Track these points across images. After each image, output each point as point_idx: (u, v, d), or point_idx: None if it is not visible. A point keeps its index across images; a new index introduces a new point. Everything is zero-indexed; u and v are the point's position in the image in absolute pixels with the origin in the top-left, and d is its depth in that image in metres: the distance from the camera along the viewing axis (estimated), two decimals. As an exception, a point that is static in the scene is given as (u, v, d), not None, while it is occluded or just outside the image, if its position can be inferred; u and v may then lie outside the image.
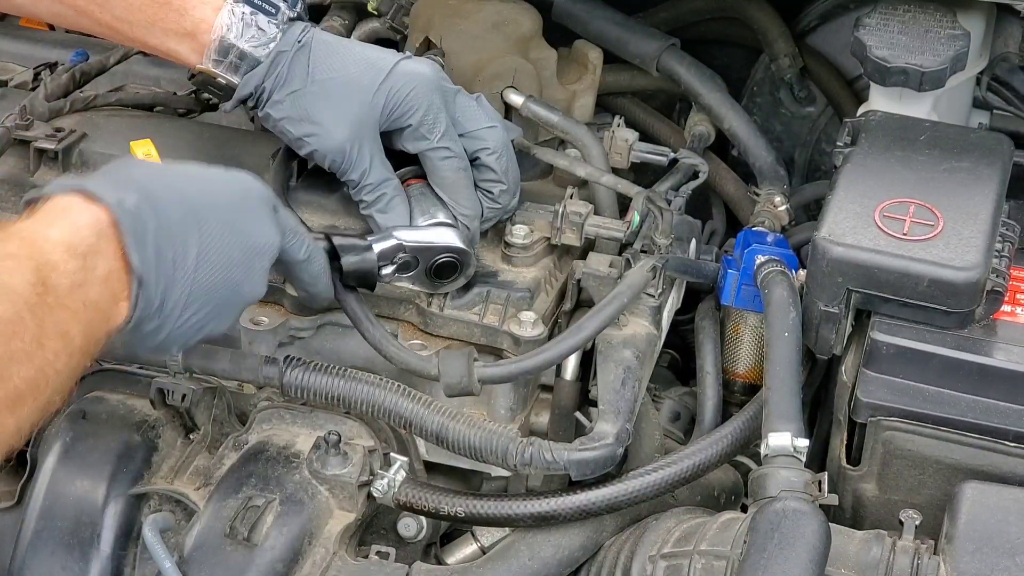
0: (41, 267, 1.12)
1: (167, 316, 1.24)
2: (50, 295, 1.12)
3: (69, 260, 1.14)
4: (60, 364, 1.13)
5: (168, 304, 1.23)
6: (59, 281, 1.13)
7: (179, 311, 1.24)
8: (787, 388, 1.40)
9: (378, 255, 1.46)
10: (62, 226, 1.16)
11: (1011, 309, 1.48)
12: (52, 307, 1.12)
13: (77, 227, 1.16)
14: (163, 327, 1.24)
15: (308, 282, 1.41)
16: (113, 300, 1.19)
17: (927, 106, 1.70)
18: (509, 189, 1.55)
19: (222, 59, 1.49)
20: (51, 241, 1.14)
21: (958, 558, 1.30)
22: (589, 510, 1.43)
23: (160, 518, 1.43)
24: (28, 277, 1.10)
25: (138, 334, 1.24)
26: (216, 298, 1.27)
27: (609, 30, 1.89)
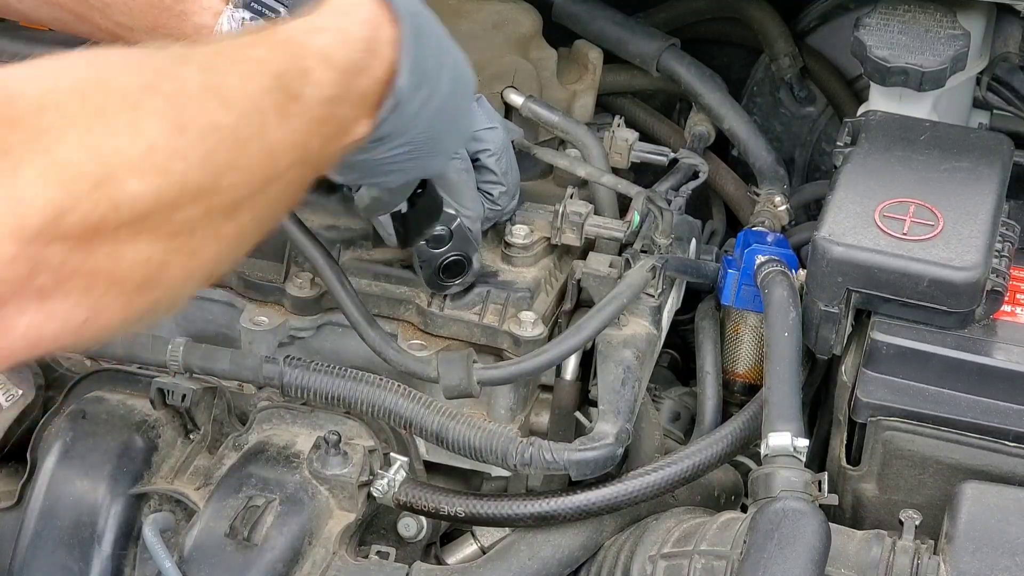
0: (287, 73, 1.06)
1: (402, 134, 1.20)
2: (295, 103, 1.06)
3: (325, 71, 1.08)
4: (292, 174, 1.07)
5: (403, 132, 1.20)
6: (309, 91, 1.07)
7: (407, 138, 1.21)
8: (787, 388, 1.40)
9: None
10: (332, 33, 1.12)
11: (1011, 309, 1.48)
12: (293, 115, 1.06)
13: (349, 39, 1.12)
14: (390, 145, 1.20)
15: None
16: (357, 117, 1.15)
17: (927, 106, 1.70)
18: (508, 191, 1.55)
19: None
20: (311, 48, 1.09)
21: (958, 558, 1.30)
22: (589, 510, 1.43)
23: (160, 518, 1.43)
24: (266, 82, 1.04)
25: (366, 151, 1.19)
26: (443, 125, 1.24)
27: (609, 30, 1.89)
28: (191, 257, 0.99)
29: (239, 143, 1.00)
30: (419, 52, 1.17)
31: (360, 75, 1.13)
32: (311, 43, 1.10)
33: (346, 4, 1.15)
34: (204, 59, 1.03)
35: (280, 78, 1.05)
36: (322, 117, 1.09)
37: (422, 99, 1.19)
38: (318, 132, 1.09)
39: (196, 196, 0.96)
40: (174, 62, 1.01)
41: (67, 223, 0.88)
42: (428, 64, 1.19)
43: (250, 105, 1.02)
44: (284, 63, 1.07)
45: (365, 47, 1.13)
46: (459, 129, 1.32)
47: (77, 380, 1.56)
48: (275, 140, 1.04)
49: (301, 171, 1.09)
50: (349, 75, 1.11)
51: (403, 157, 1.24)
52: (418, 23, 1.18)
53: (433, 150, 1.27)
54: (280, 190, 1.07)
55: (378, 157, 1.22)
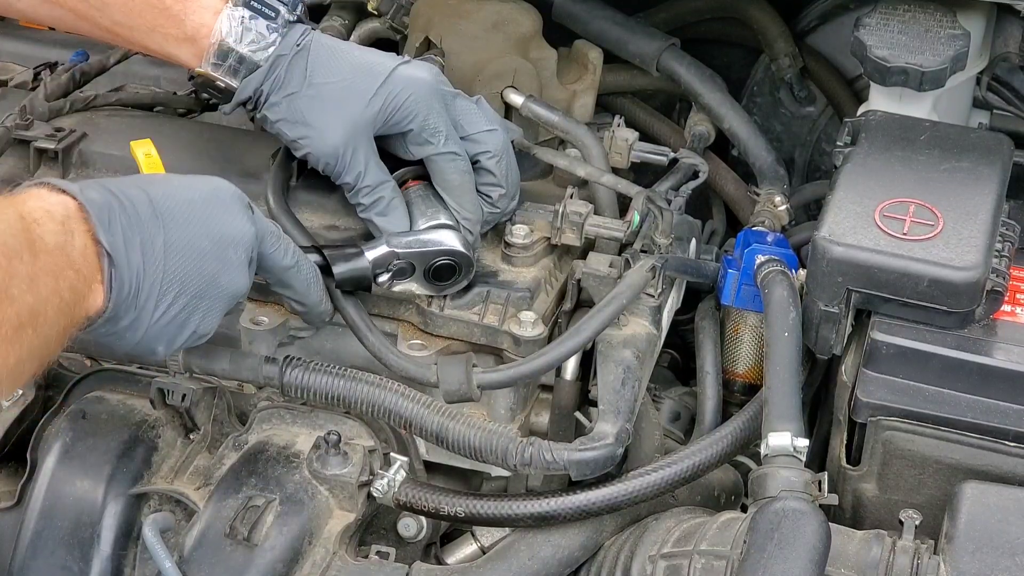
0: (25, 218, 1.15)
1: (143, 307, 1.26)
2: (37, 243, 1.15)
3: (49, 222, 1.18)
4: (52, 309, 1.15)
5: (143, 293, 1.25)
6: (45, 236, 1.16)
7: (154, 301, 1.26)
8: (787, 388, 1.40)
9: (372, 263, 1.46)
10: (36, 199, 1.20)
11: (1011, 309, 1.48)
12: (40, 252, 1.14)
13: (50, 204, 1.20)
14: (141, 320, 1.26)
15: (301, 291, 1.42)
16: (91, 275, 1.21)
17: (927, 106, 1.70)
18: (508, 193, 1.55)
19: (221, 63, 1.49)
20: (29, 207, 1.18)
21: (958, 558, 1.30)
22: (589, 510, 1.43)
23: (160, 518, 1.43)
24: (14, 222, 1.14)
25: (118, 328, 1.25)
26: (192, 289, 1.29)
27: (609, 30, 1.89)
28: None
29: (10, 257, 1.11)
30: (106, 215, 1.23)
31: (73, 232, 1.20)
32: (28, 203, 1.19)
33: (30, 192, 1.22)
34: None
35: (23, 220, 1.15)
36: (61, 262, 1.17)
37: (136, 259, 1.24)
38: (63, 275, 1.17)
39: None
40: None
41: None
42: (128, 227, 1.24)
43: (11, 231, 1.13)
44: (20, 209, 1.16)
45: (63, 213, 1.21)
46: (230, 256, 1.33)
47: (77, 380, 1.56)
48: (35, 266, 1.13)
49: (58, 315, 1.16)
50: (67, 225, 1.19)
51: (183, 313, 1.29)
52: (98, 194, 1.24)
53: (213, 288, 1.31)
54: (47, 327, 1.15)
55: (156, 321, 1.28)
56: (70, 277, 1.18)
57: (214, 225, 1.31)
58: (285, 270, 1.40)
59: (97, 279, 1.22)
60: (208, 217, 1.31)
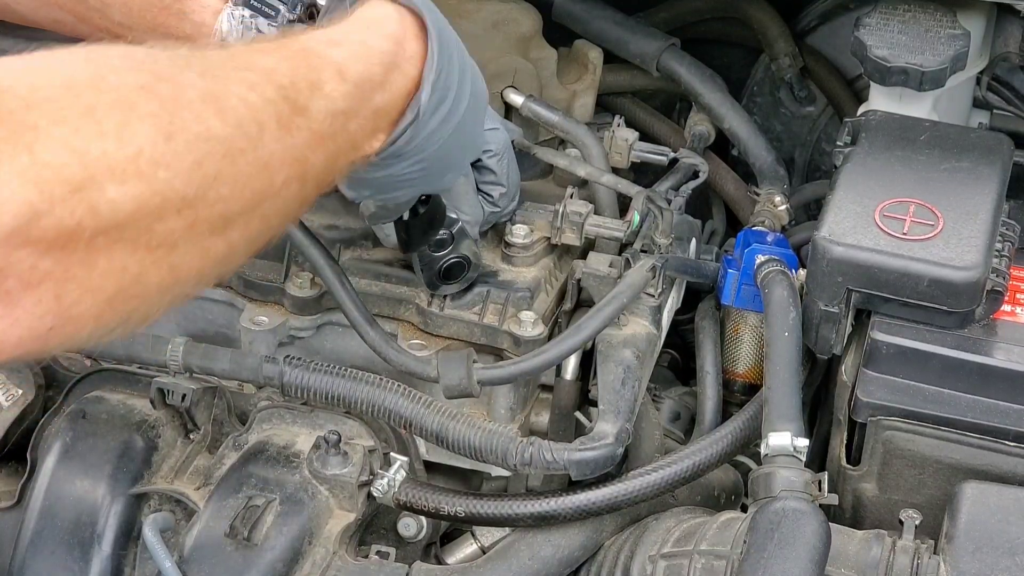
0: (295, 85, 1.03)
1: (407, 157, 1.19)
2: (299, 116, 1.03)
3: (339, 84, 1.07)
4: (289, 191, 1.04)
5: (413, 150, 1.19)
6: (317, 104, 1.05)
7: (417, 157, 1.20)
8: (787, 388, 1.40)
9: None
10: (352, 46, 1.10)
11: (1011, 309, 1.48)
12: (296, 129, 1.03)
13: (369, 53, 1.11)
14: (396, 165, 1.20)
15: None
16: (372, 132, 1.14)
17: (927, 106, 1.70)
18: (508, 192, 1.55)
19: None
20: (326, 60, 1.07)
21: (958, 558, 1.30)
22: (589, 510, 1.43)
23: (160, 518, 1.43)
24: (269, 93, 1.01)
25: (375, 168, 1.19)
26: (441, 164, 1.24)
27: (609, 30, 1.89)
28: (170, 271, 0.95)
29: (231, 155, 0.97)
30: (442, 70, 1.15)
31: (377, 90, 1.11)
32: (327, 55, 1.08)
33: (373, 17, 1.13)
34: (209, 64, 1.00)
35: (286, 89, 1.02)
36: (329, 131, 1.06)
37: (441, 117, 1.18)
38: (323, 147, 1.06)
39: (180, 208, 0.93)
40: (176, 65, 0.98)
41: (41, 227, 0.84)
42: (450, 82, 1.18)
43: (248, 116, 0.99)
44: (294, 74, 1.04)
45: (386, 61, 1.11)
46: (473, 145, 1.31)
47: (77, 380, 1.56)
48: (272, 154, 1.01)
49: (300, 187, 1.05)
50: (365, 89, 1.09)
51: (416, 174, 1.23)
52: (444, 40, 1.16)
53: (446, 167, 1.26)
54: (276, 207, 1.03)
55: (391, 174, 1.21)
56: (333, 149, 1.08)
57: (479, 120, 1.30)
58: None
59: (386, 131, 1.14)
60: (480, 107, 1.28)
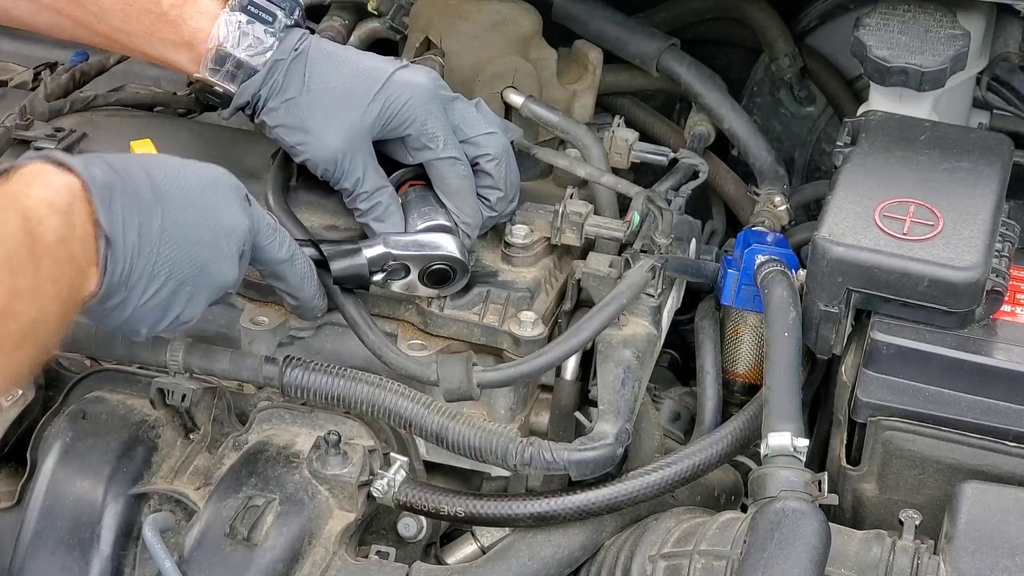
0: (28, 219, 1.16)
1: (133, 288, 1.26)
2: (39, 245, 1.16)
3: (52, 215, 1.18)
4: (54, 309, 1.18)
5: (134, 275, 1.26)
6: (46, 234, 1.17)
7: (144, 284, 1.27)
8: (787, 388, 1.40)
9: (368, 261, 1.46)
10: (41, 187, 1.20)
11: (1011, 309, 1.48)
12: (42, 255, 1.16)
13: (54, 188, 1.20)
14: (129, 301, 1.27)
15: (295, 285, 1.42)
16: (88, 263, 1.22)
17: (927, 106, 1.70)
18: (507, 196, 1.55)
19: (219, 68, 1.49)
20: (33, 198, 1.18)
21: (958, 558, 1.30)
22: (589, 510, 1.43)
23: (160, 518, 1.43)
24: (17, 226, 1.15)
25: (106, 307, 1.26)
26: (181, 275, 1.30)
27: (609, 30, 1.89)
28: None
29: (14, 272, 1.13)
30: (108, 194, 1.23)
31: (75, 216, 1.21)
32: (31, 193, 1.19)
33: (34, 168, 1.23)
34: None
35: (26, 223, 1.16)
36: (63, 256, 1.18)
37: (132, 240, 1.25)
38: (62, 271, 1.19)
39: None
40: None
41: None
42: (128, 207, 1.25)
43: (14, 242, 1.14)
44: (22, 210, 1.16)
45: (67, 193, 1.21)
46: (216, 228, 1.33)
47: (77, 380, 1.56)
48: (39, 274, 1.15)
49: (62, 308, 1.19)
50: (69, 216, 1.20)
51: (169, 297, 1.30)
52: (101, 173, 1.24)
53: (202, 277, 1.32)
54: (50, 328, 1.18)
55: (144, 303, 1.28)
56: (69, 275, 1.20)
57: (210, 213, 1.32)
58: (279, 263, 1.40)
59: (93, 262, 1.23)
60: (205, 205, 1.32)
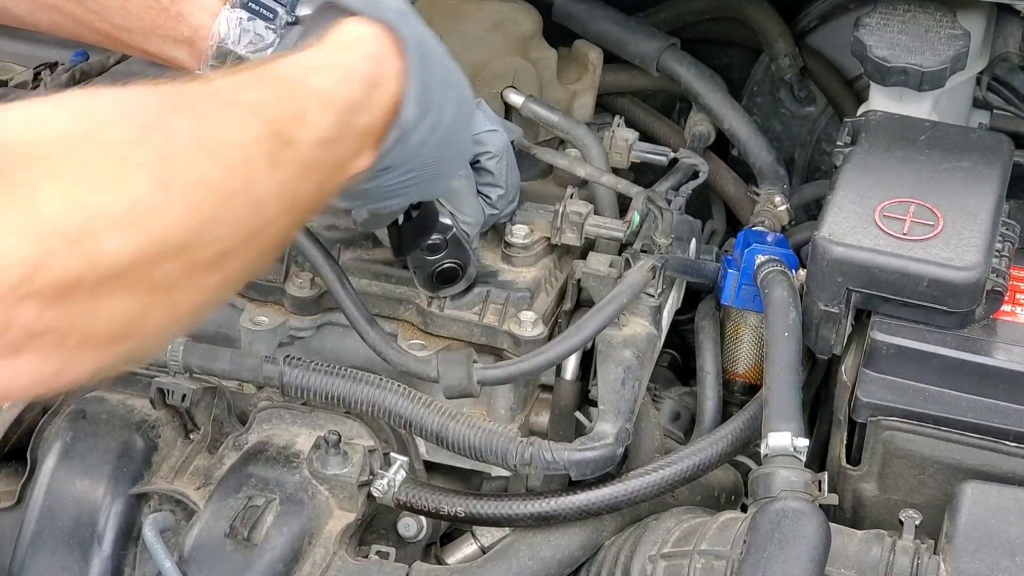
0: (282, 118, 1.05)
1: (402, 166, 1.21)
2: (288, 150, 1.05)
3: (324, 113, 1.09)
4: (280, 222, 1.06)
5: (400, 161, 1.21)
6: (304, 135, 1.06)
7: (404, 169, 1.22)
8: (787, 388, 1.40)
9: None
10: (333, 71, 1.11)
11: (1011, 309, 1.48)
12: (286, 163, 1.04)
13: (351, 76, 1.12)
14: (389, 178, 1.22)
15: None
16: (359, 153, 1.15)
17: (927, 106, 1.70)
18: (507, 194, 1.55)
19: (220, 65, 1.49)
20: (309, 88, 1.09)
21: (958, 558, 1.30)
22: (589, 510, 1.43)
23: (160, 518, 1.43)
24: (258, 131, 1.03)
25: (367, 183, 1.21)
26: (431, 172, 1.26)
27: (609, 30, 1.89)
28: (170, 309, 0.97)
29: (225, 197, 0.99)
30: (425, 82, 1.17)
31: (361, 112, 1.12)
32: (310, 83, 1.09)
33: (350, 37, 1.15)
34: (197, 106, 1.02)
35: (274, 124, 1.04)
36: (317, 161, 1.08)
37: (427, 128, 1.20)
38: (311, 177, 1.08)
39: (178, 253, 0.95)
40: (165, 111, 0.99)
41: (42, 280, 0.85)
42: (433, 93, 1.20)
43: (240, 157, 1.01)
44: (279, 106, 1.06)
45: (367, 82, 1.13)
46: (461, 152, 1.33)
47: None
48: (264, 191, 1.03)
49: (291, 218, 1.08)
50: (349, 114, 1.11)
51: (406, 183, 1.24)
52: (424, 51, 1.18)
53: (436, 175, 1.27)
54: (268, 238, 1.05)
55: (382, 185, 1.22)
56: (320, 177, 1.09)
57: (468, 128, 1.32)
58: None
59: (373, 146, 1.16)
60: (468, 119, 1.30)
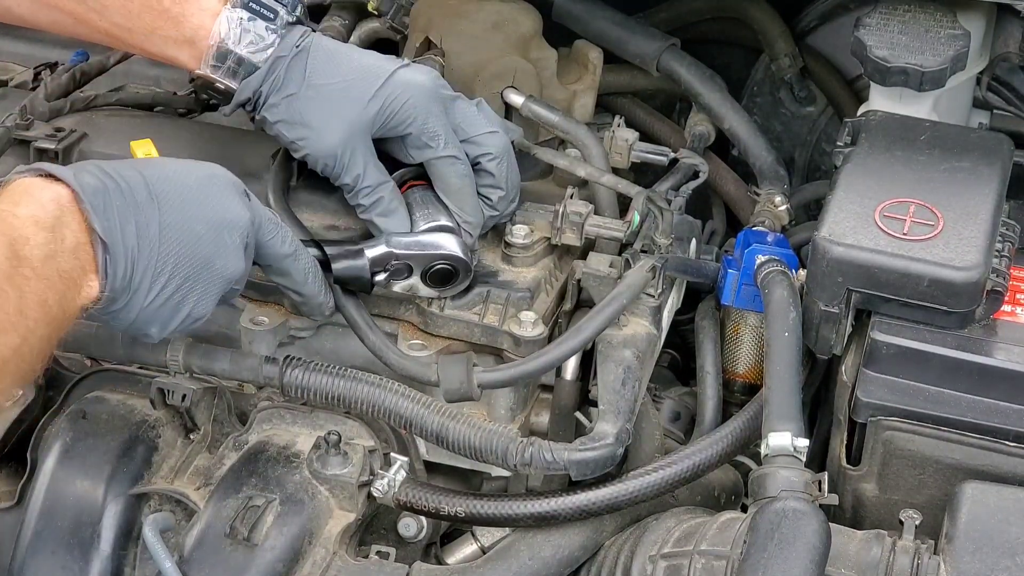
0: (13, 241, 1.18)
1: (137, 289, 1.28)
2: (25, 267, 1.17)
3: (38, 232, 1.20)
4: (41, 331, 1.20)
5: (136, 276, 1.27)
6: (32, 253, 1.18)
7: (148, 284, 1.28)
8: (787, 388, 1.40)
9: (370, 262, 1.46)
10: (27, 203, 1.21)
11: (1011, 309, 1.48)
12: (28, 278, 1.17)
13: (41, 203, 1.22)
14: (134, 303, 1.28)
15: (300, 281, 1.42)
16: (83, 272, 1.23)
17: (927, 106, 1.70)
18: (507, 195, 1.55)
19: (220, 65, 1.49)
20: (19, 217, 1.20)
21: (958, 558, 1.30)
22: (589, 510, 1.43)
23: (160, 518, 1.43)
24: (2, 251, 1.16)
25: (112, 311, 1.28)
26: (185, 271, 1.31)
27: (609, 30, 1.89)
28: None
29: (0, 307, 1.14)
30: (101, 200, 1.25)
31: (64, 229, 1.22)
32: (17, 212, 1.20)
33: (22, 183, 1.24)
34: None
35: (11, 246, 1.17)
36: (50, 274, 1.19)
37: (131, 243, 1.26)
38: (52, 289, 1.19)
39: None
40: None
41: None
42: (124, 210, 1.26)
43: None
44: (7, 231, 1.18)
45: (56, 206, 1.23)
46: (217, 222, 1.33)
47: (77, 380, 1.56)
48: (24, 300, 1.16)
49: (47, 329, 1.20)
50: (57, 231, 1.21)
51: (176, 295, 1.31)
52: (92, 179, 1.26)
53: (207, 272, 1.32)
54: (34, 348, 1.19)
55: (150, 303, 1.29)
56: (60, 291, 1.21)
57: (209, 209, 1.33)
58: (283, 258, 1.40)
59: (92, 269, 1.24)
60: (204, 200, 1.32)
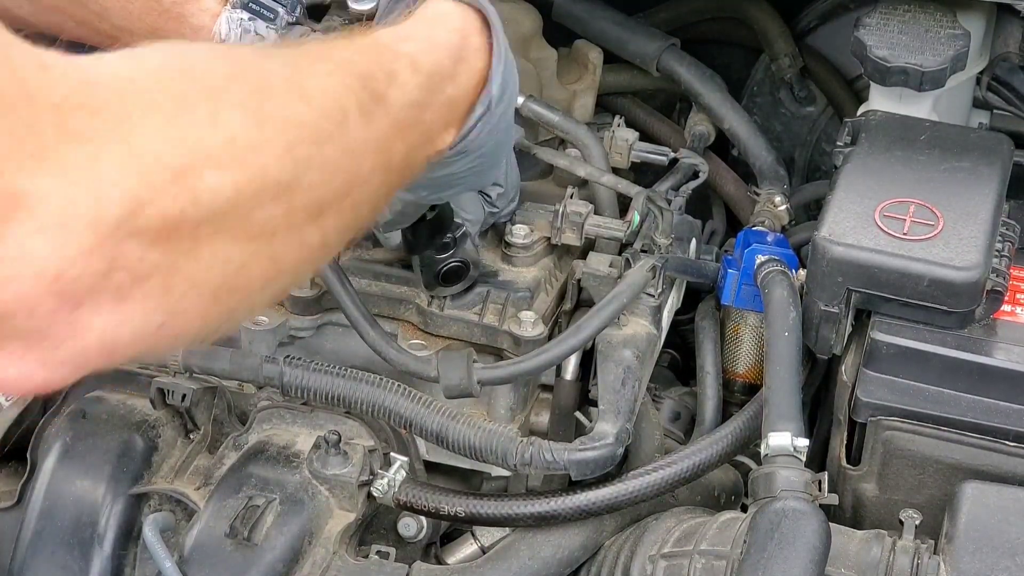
0: (372, 74, 1.04)
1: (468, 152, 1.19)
2: (378, 105, 1.04)
3: (412, 75, 1.08)
4: (376, 179, 1.04)
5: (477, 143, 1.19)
6: (394, 94, 1.06)
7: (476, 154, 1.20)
8: (787, 388, 1.40)
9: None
10: (420, 40, 1.11)
11: (1011, 309, 1.48)
12: (377, 117, 1.03)
13: (437, 46, 1.12)
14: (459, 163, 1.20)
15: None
16: (445, 125, 1.14)
17: (927, 106, 1.70)
18: (507, 193, 1.55)
19: None
20: (398, 52, 1.09)
21: (958, 558, 1.30)
22: (589, 510, 1.43)
23: (160, 518, 1.43)
24: (349, 82, 1.02)
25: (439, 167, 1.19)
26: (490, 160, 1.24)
27: (609, 30, 1.89)
28: (272, 262, 0.95)
29: (320, 140, 0.97)
30: (505, 63, 1.17)
31: (448, 81, 1.12)
32: (398, 48, 1.09)
33: (436, 13, 1.15)
34: (288, 55, 1.02)
35: (364, 79, 1.03)
36: (407, 121, 1.07)
37: (502, 110, 1.19)
38: (402, 137, 1.07)
39: (276, 193, 0.92)
40: (258, 56, 1.00)
41: (146, 216, 0.83)
42: (509, 76, 1.19)
43: (332, 103, 0.99)
44: (369, 65, 1.05)
45: (454, 54, 1.13)
46: (509, 141, 1.31)
47: (77, 380, 1.56)
48: (357, 140, 1.01)
49: (385, 177, 1.06)
50: (437, 80, 1.10)
51: (470, 171, 1.23)
52: (502, 34, 1.17)
53: (493, 163, 1.26)
54: (364, 196, 1.03)
55: (451, 172, 1.21)
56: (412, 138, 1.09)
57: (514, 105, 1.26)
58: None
59: (456, 124, 1.15)
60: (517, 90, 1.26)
